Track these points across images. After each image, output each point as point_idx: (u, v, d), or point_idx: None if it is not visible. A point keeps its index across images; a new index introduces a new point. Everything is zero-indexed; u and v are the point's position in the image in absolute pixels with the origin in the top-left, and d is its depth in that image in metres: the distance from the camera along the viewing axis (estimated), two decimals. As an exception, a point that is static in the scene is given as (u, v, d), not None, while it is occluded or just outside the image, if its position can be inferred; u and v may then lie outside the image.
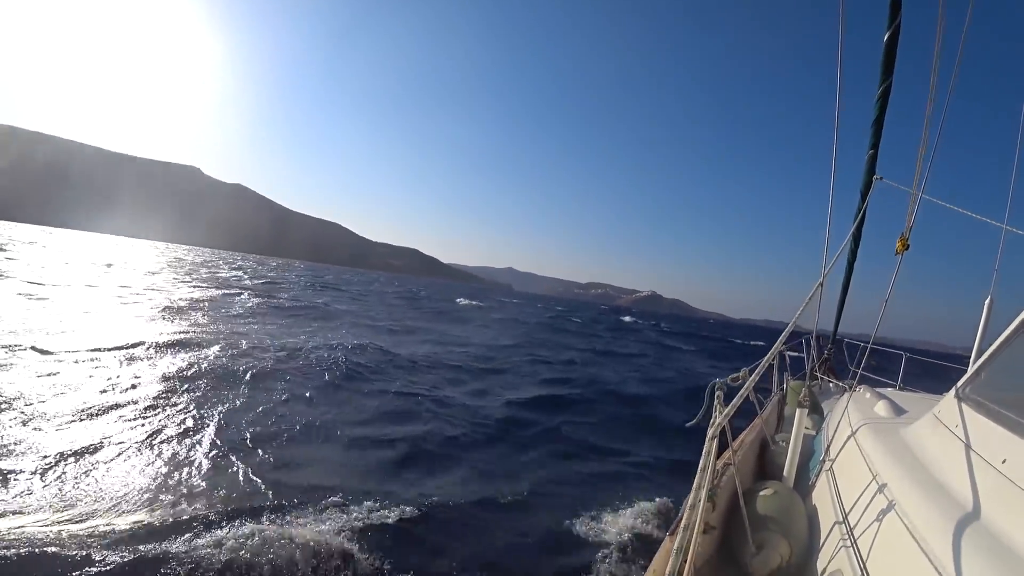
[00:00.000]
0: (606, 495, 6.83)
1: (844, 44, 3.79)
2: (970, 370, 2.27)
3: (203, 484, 5.95)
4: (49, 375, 8.99)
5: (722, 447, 2.13)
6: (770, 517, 2.28)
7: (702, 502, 1.64)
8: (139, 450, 6.64)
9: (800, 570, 2.24)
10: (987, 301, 2.79)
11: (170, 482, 5.94)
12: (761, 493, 2.42)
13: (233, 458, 6.75)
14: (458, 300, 64.18)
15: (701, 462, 1.75)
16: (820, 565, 2.10)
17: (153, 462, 6.39)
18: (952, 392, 2.23)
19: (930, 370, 6.73)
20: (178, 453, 6.72)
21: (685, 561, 1.41)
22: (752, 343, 58.89)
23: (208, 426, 7.70)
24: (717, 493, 2.18)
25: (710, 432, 1.90)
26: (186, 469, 6.32)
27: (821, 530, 2.33)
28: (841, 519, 2.17)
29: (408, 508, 5.80)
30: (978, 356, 2.58)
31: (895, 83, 4.68)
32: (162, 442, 6.97)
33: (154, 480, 5.93)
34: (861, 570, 1.74)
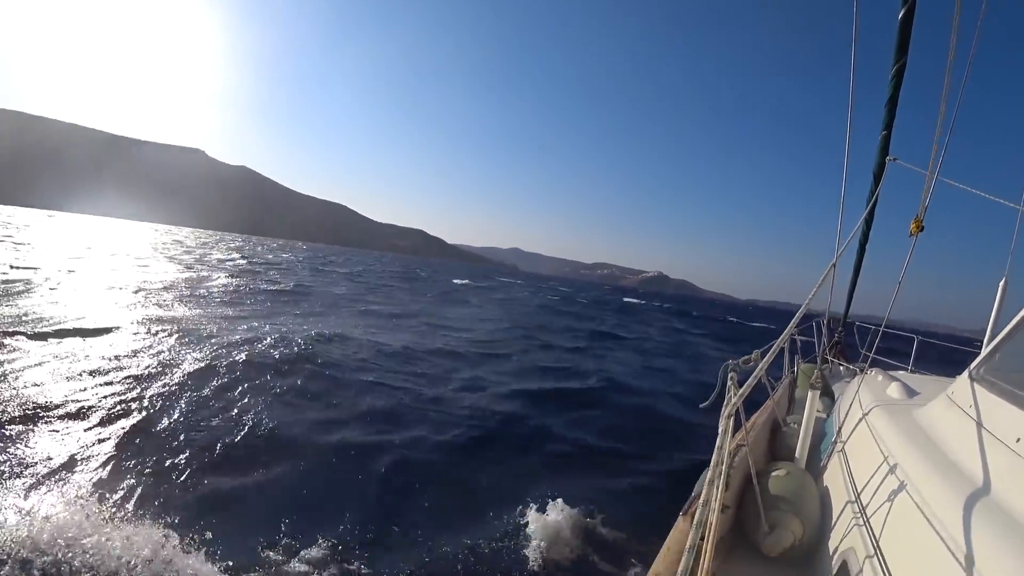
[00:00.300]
0: (612, 517, 5.90)
1: (859, 21, 3.71)
2: (984, 351, 2.27)
3: (95, 506, 4.67)
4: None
5: (735, 429, 2.16)
6: (782, 497, 2.30)
7: (721, 479, 1.66)
8: (27, 455, 5.51)
9: (813, 549, 2.27)
10: (1001, 283, 2.78)
11: (54, 497, 4.79)
12: (774, 474, 2.45)
13: (146, 475, 5.46)
14: (455, 280, 62.52)
15: (718, 441, 1.77)
16: (832, 544, 2.13)
17: (40, 469, 5.23)
18: (966, 373, 2.23)
19: (941, 354, 6.65)
20: (80, 458, 5.58)
21: (703, 538, 1.42)
22: (757, 325, 58.82)
23: (126, 427, 6.46)
24: (731, 473, 2.21)
25: (725, 412, 1.91)
26: (80, 480, 5.16)
27: (833, 510, 2.36)
28: (853, 499, 2.20)
29: (371, 556, 4.67)
30: (992, 338, 2.58)
31: (910, 61, 4.59)
32: (65, 444, 5.86)
33: (31, 494, 4.80)
34: (874, 548, 1.75)
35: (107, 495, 5.00)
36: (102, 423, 6.59)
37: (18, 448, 5.69)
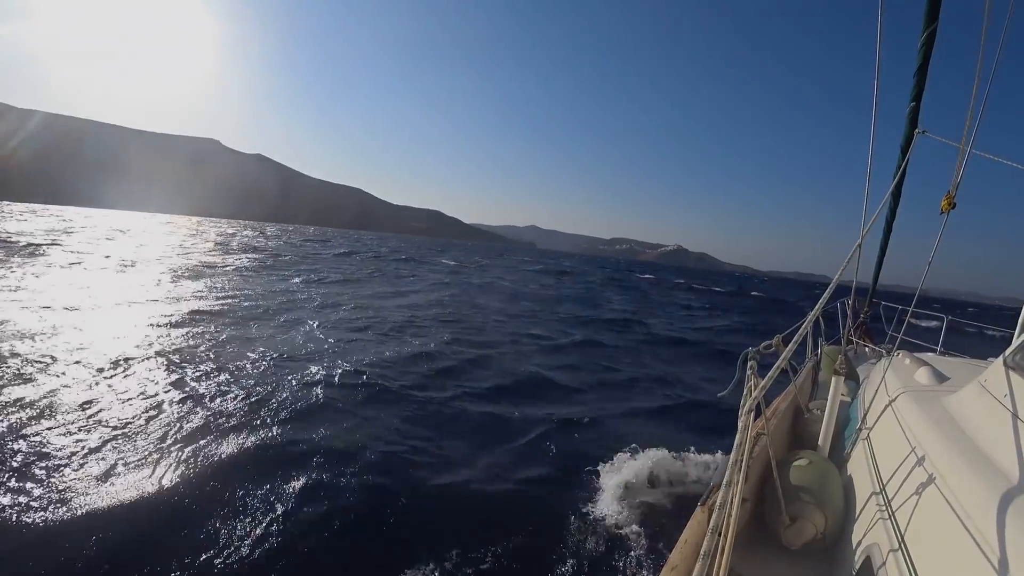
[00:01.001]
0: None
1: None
2: (1018, 338, 2.19)
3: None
4: None
5: (755, 419, 2.10)
6: (804, 488, 2.26)
7: (740, 478, 1.63)
8: None
9: (835, 542, 2.24)
10: (1039, 265, 2.66)
11: None
12: (795, 463, 2.39)
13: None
14: (445, 261, 58.61)
15: (737, 437, 1.71)
16: (856, 537, 2.09)
17: None
18: (1000, 360, 2.14)
19: (971, 321, 6.36)
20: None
21: (721, 535, 1.39)
22: (778, 299, 57.93)
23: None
24: (750, 463, 2.16)
25: (746, 406, 1.85)
26: None
27: (857, 501, 2.32)
28: (878, 490, 2.15)
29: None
30: None
31: (940, 27, 4.37)
32: None
33: None
34: (899, 542, 1.72)
35: None
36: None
37: None
